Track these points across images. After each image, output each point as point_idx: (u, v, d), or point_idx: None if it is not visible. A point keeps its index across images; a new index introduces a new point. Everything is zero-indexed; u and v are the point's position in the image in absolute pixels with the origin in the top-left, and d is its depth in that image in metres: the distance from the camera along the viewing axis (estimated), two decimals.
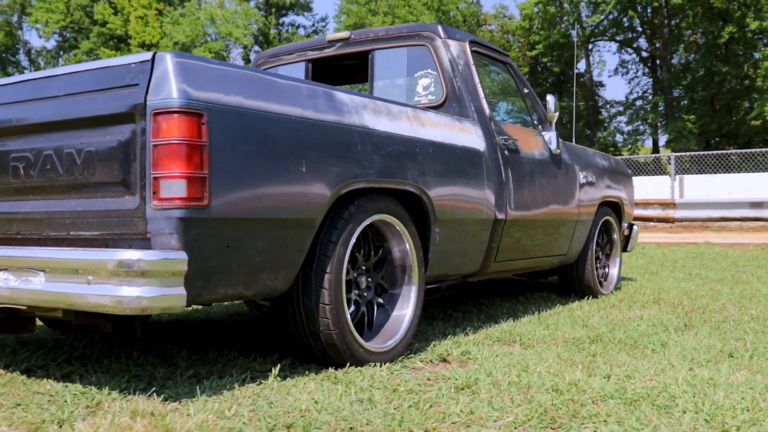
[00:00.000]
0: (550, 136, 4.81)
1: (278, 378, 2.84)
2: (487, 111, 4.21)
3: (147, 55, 2.45)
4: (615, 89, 70.92)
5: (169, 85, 2.39)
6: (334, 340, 2.99)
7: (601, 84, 45.58)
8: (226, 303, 4.93)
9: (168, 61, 2.41)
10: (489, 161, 4.03)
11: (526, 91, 4.92)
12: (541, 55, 41.09)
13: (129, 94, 2.46)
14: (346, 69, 5.08)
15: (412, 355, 3.39)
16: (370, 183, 3.12)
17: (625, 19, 37.36)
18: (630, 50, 39.54)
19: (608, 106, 42.46)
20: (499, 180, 4.10)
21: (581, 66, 43.16)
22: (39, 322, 4.09)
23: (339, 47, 4.66)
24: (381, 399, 2.54)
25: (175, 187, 2.36)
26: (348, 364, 3.07)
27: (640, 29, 38.10)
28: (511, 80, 4.91)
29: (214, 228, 2.47)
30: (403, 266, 3.47)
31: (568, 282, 5.52)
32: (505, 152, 4.22)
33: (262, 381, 2.79)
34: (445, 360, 3.35)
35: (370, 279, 3.36)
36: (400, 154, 3.30)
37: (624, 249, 6.21)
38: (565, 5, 39.01)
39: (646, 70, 39.34)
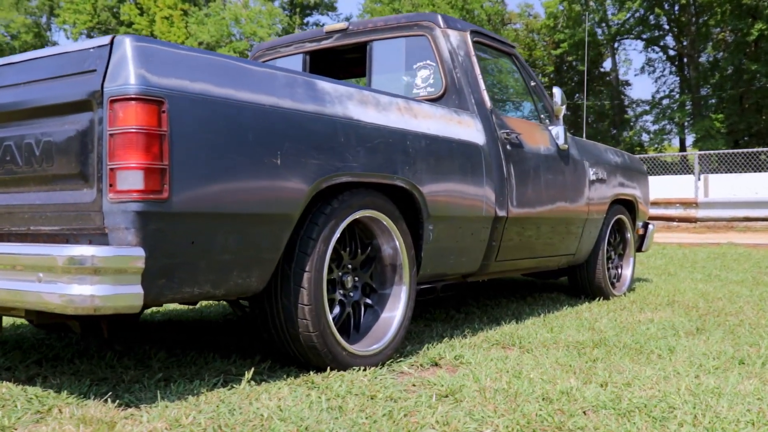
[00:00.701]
0: (558, 130, 4.61)
1: (252, 382, 2.69)
2: (489, 103, 4.02)
3: (106, 39, 2.30)
4: (641, 88, 70.02)
5: (127, 70, 2.24)
6: (314, 342, 2.83)
7: (627, 83, 45.05)
8: (222, 303, 4.80)
9: (127, 46, 2.27)
10: (489, 156, 3.84)
11: (532, 84, 4.73)
12: (566, 54, 40.62)
13: (86, 80, 2.31)
14: (345, 61, 4.92)
15: (402, 359, 3.22)
16: (354, 177, 2.95)
17: (651, 17, 36.81)
18: (656, 48, 38.98)
19: (634, 106, 41.93)
20: (500, 176, 3.91)
21: (607, 65, 42.69)
22: (22, 322, 3.98)
23: (337, 38, 4.49)
24: (354, 407, 2.37)
25: (131, 179, 2.21)
26: (329, 368, 2.91)
27: (666, 27, 37.53)
28: (516, 72, 4.72)
29: (176, 223, 2.31)
30: (394, 265, 3.30)
31: (578, 283, 5.31)
32: (507, 147, 4.03)
33: (235, 385, 2.64)
34: (436, 364, 3.18)
35: (356, 278, 3.19)
36: (388, 147, 3.13)
37: (639, 249, 5.99)
38: (591, 3, 38.51)
39: (673, 68, 38.76)
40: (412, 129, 3.31)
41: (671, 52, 38.56)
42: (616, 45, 41.14)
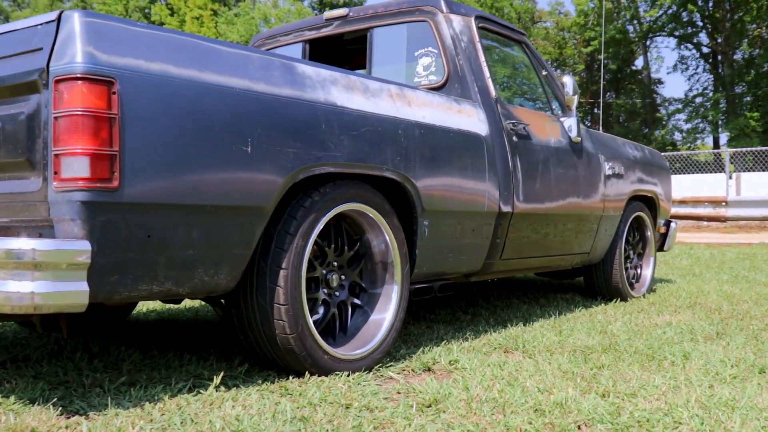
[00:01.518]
0: (570, 122, 4.36)
1: (222, 387, 2.49)
2: (493, 92, 3.79)
3: (53, 15, 2.12)
4: (673, 86, 68.83)
5: (74, 48, 2.05)
6: (291, 345, 2.63)
7: (659, 81, 44.28)
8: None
9: (75, 21, 2.08)
10: (492, 147, 3.60)
11: (544, 73, 4.48)
12: (596, 52, 40.01)
13: (33, 59, 2.13)
14: (346, 49, 4.71)
15: (393, 364, 3.00)
16: (337, 168, 2.74)
17: (684, 14, 36.10)
18: (690, 46, 38.21)
19: (666, 104, 41.18)
20: (505, 169, 3.67)
21: (638, 63, 41.99)
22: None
23: (337, 26, 4.29)
24: (322, 417, 2.16)
25: (76, 166, 2.02)
26: (309, 373, 2.70)
27: (700, 24, 36.78)
28: (526, 61, 4.47)
29: (129, 214, 2.12)
30: (384, 263, 3.08)
31: (594, 283, 5.04)
32: (514, 138, 3.79)
33: (201, 391, 2.45)
34: (428, 369, 2.96)
35: (343, 276, 2.98)
36: (377, 136, 2.91)
37: (660, 248, 5.70)
38: (622, 0, 37.89)
39: (707, 66, 37.96)
40: (405, 117, 3.09)
41: (705, 50, 37.78)
42: (648, 42, 40.46)
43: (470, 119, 3.54)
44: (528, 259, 4.08)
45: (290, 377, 2.68)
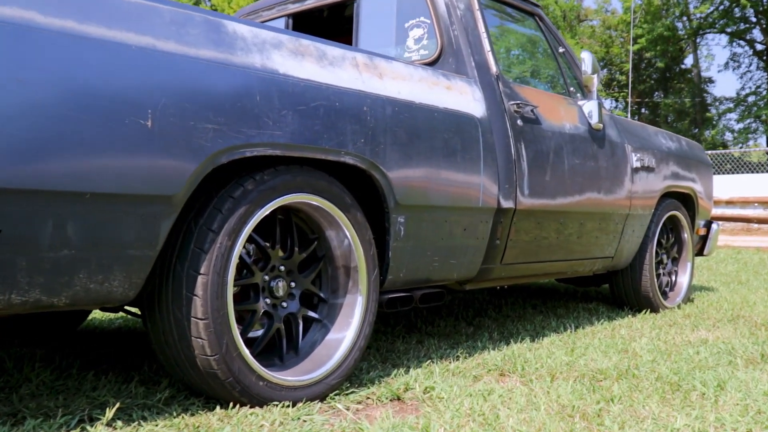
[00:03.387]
0: (590, 106, 3.77)
1: (119, 422, 1.99)
2: (494, 68, 3.23)
3: None
4: (724, 85, 66.74)
5: None
6: (213, 369, 2.11)
7: (709, 80, 42.83)
8: None
9: None
10: (490, 131, 3.05)
11: (560, 50, 3.90)
12: (643, 50, 38.86)
13: None
14: (334, 25, 4.18)
15: (355, 390, 2.47)
16: (278, 150, 2.21)
17: (736, 9, 34.72)
18: (742, 42, 36.81)
19: (717, 104, 39.79)
20: (506, 157, 3.11)
21: (688, 61, 40.65)
22: None
23: None
24: None
25: None
26: (239, 404, 2.18)
27: (753, 20, 35.35)
28: (540, 36, 3.89)
29: None
30: (347, 267, 2.55)
31: (620, 291, 4.43)
32: (518, 122, 3.22)
33: (88, 427, 1.94)
34: (398, 399, 2.42)
35: (293, 284, 2.46)
36: (333, 112, 2.38)
37: (699, 252, 5.05)
38: None
39: (761, 63, 36.49)
40: (373, 92, 2.56)
41: (758, 47, 36.33)
42: (698, 40, 39.14)
43: (462, 97, 2.98)
44: (536, 264, 3.50)
45: (218, 407, 2.17)
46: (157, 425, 2.00)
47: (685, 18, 38.01)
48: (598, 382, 2.65)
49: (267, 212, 2.24)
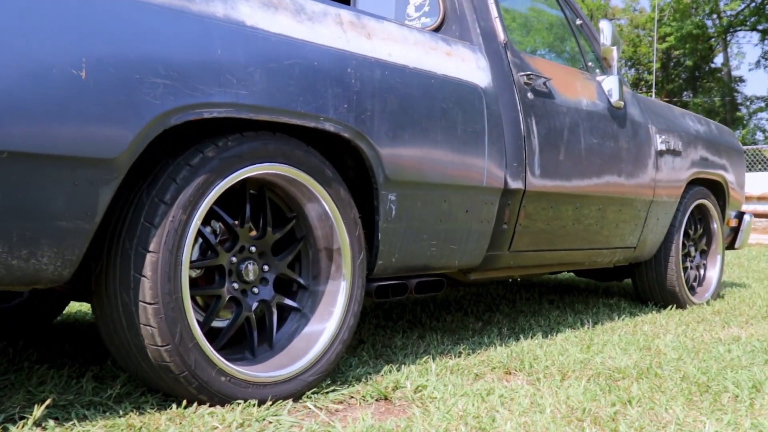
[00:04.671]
0: (610, 81, 3.45)
1: (51, 422, 1.72)
2: (502, 36, 2.93)
3: None
4: (756, 84, 65.38)
5: None
6: (165, 361, 1.83)
7: (740, 79, 41.95)
8: None
9: None
10: (497, 104, 2.75)
11: (578, 22, 3.59)
12: (672, 48, 38.15)
13: None
14: None
15: (338, 388, 2.18)
16: (243, 112, 1.93)
17: None
18: None
19: (748, 103, 38.95)
20: (515, 133, 2.81)
21: (718, 60, 39.85)
22: None
23: None
24: None
25: None
26: (197, 401, 1.91)
27: None
28: (556, 7, 3.58)
29: None
30: (329, 250, 2.27)
31: (644, 285, 4.09)
32: (529, 95, 2.92)
33: (10, 426, 1.68)
34: (385, 398, 2.13)
35: (266, 267, 2.18)
36: (311, 73, 2.09)
37: (730, 245, 4.69)
38: None
39: None
40: (360, 53, 2.27)
41: None
42: (728, 38, 38.34)
43: (464, 65, 2.69)
44: (549, 252, 3.18)
45: (175, 406, 1.89)
46: (94, 425, 1.73)
47: (714, 15, 37.26)
48: (615, 381, 2.34)
49: (231, 184, 1.96)
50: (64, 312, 3.52)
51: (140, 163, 1.86)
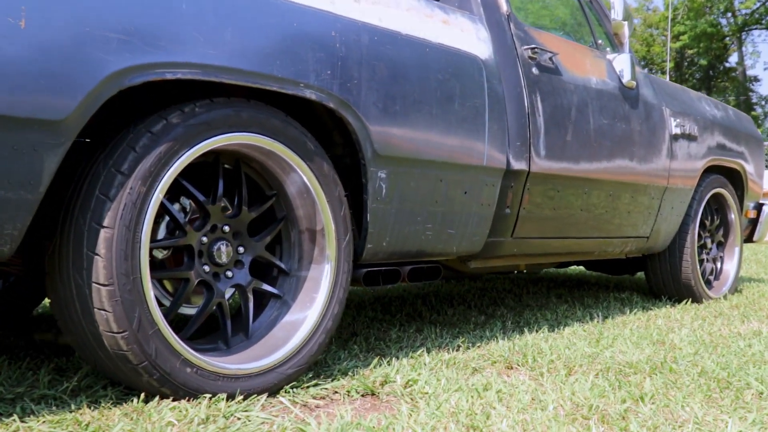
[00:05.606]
0: (622, 60, 3.24)
1: (23, 418, 1.54)
2: (505, 6, 2.73)
3: None
4: None
5: None
6: (123, 349, 1.64)
7: (755, 79, 41.44)
8: None
9: None
10: (498, 77, 2.54)
11: None
12: (686, 48, 37.77)
13: None
14: None
15: (321, 382, 1.99)
16: (212, 74, 1.74)
17: None
18: None
19: (763, 103, 38.51)
20: (518, 109, 2.61)
21: (732, 59, 39.44)
22: None
23: None
24: None
25: None
26: (159, 395, 1.72)
27: None
28: None
29: None
30: (312, 231, 2.07)
31: (657, 279, 3.87)
32: (533, 70, 2.72)
33: None
34: (372, 393, 1.93)
35: (241, 248, 1.98)
36: (290, 34, 1.90)
37: (749, 238, 4.46)
38: None
39: None
40: (346, 15, 2.07)
41: None
42: (743, 36, 37.93)
43: (463, 35, 2.49)
44: (556, 240, 2.98)
45: (135, 400, 1.70)
46: (39, 421, 1.54)
47: (729, 14, 36.86)
48: (626, 377, 2.14)
49: (199, 155, 1.77)
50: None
51: (101, 132, 1.68)
